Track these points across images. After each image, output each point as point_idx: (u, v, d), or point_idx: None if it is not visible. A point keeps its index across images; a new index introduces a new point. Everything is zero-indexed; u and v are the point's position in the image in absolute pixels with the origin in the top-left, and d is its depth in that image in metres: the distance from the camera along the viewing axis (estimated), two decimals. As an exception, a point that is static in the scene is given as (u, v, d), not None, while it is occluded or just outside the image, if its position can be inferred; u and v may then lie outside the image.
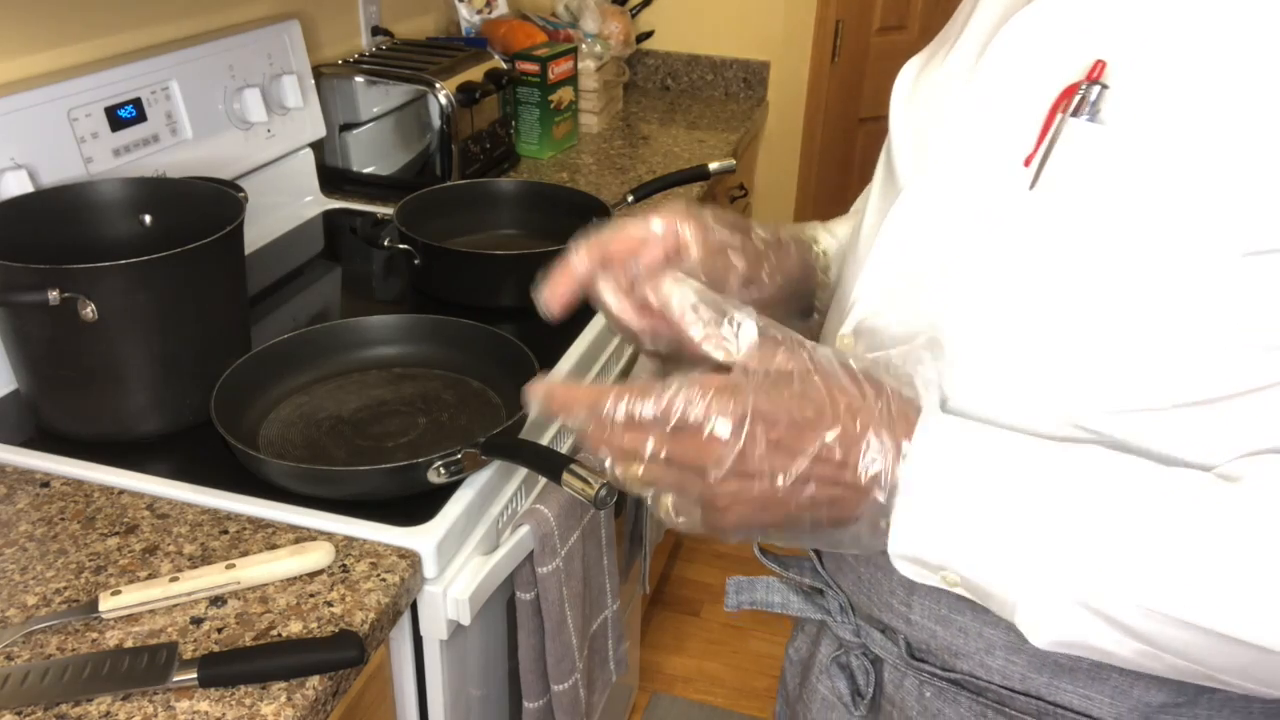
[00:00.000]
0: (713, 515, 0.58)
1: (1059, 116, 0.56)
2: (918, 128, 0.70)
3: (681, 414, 0.55)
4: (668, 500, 0.59)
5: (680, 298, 0.60)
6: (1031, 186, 0.57)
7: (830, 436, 0.55)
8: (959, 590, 0.59)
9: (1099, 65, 0.56)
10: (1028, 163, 0.58)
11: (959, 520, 0.56)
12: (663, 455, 0.56)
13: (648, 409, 0.55)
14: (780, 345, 0.58)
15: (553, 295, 0.69)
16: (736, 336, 0.58)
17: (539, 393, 0.60)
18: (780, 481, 0.55)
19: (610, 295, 0.68)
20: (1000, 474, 0.56)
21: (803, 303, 0.83)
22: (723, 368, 0.58)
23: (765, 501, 0.56)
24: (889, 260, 0.68)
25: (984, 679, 0.68)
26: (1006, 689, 0.68)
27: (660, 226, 0.70)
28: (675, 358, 0.64)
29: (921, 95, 0.72)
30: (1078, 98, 0.56)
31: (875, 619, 0.75)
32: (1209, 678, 0.56)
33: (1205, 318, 0.53)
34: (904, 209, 0.67)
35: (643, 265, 0.69)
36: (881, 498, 0.56)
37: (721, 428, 0.55)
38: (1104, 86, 0.55)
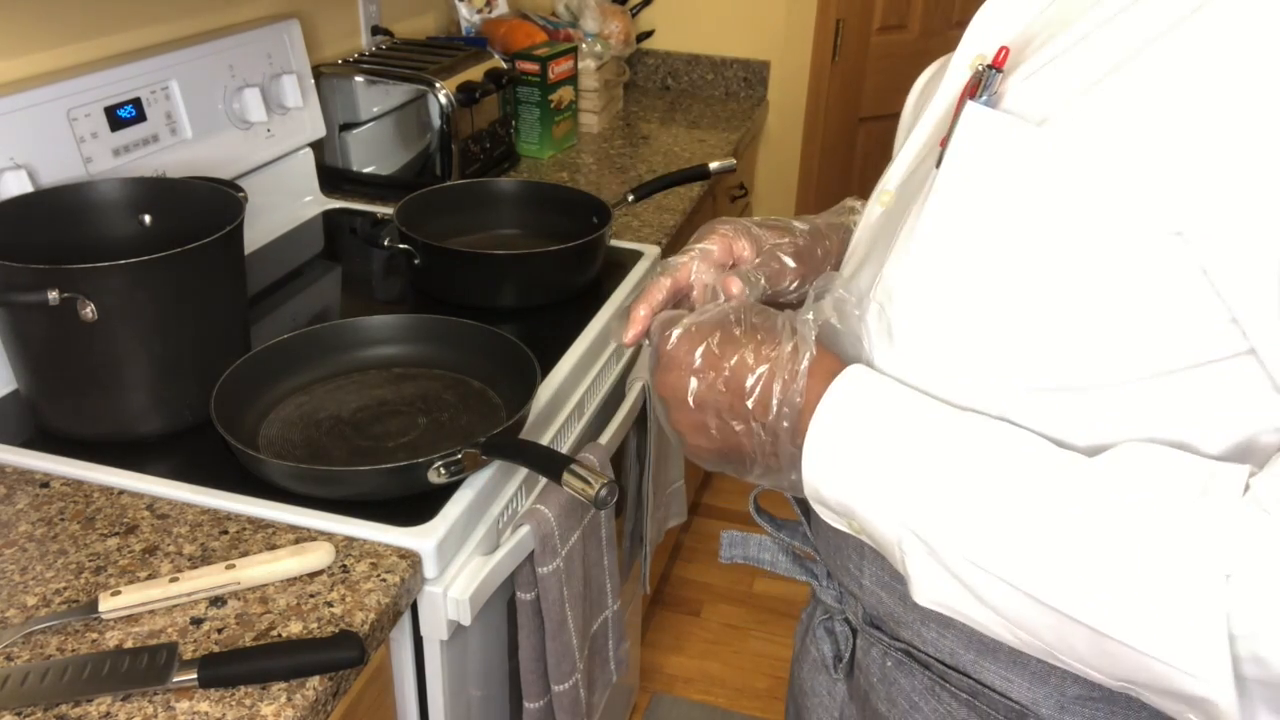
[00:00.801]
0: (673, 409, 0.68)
1: (963, 99, 0.60)
2: (913, 120, 0.75)
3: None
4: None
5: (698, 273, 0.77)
6: (938, 165, 0.61)
7: (736, 361, 0.65)
8: (865, 538, 0.64)
9: (1003, 50, 0.59)
10: (942, 144, 0.61)
11: (854, 466, 0.61)
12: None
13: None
14: (730, 304, 0.68)
15: (634, 331, 0.76)
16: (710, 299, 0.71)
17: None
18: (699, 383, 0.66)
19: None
20: (895, 427, 0.60)
21: None
22: None
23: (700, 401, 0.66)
24: (863, 237, 0.73)
25: (922, 650, 0.71)
26: (940, 662, 0.70)
27: (715, 246, 0.79)
28: None
29: (928, 89, 0.76)
30: (975, 80, 0.60)
31: (844, 585, 0.78)
32: (1055, 659, 0.58)
33: (1087, 299, 0.55)
34: (878, 190, 0.72)
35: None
36: (783, 427, 0.63)
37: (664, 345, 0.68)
38: (998, 71, 0.59)
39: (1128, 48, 0.54)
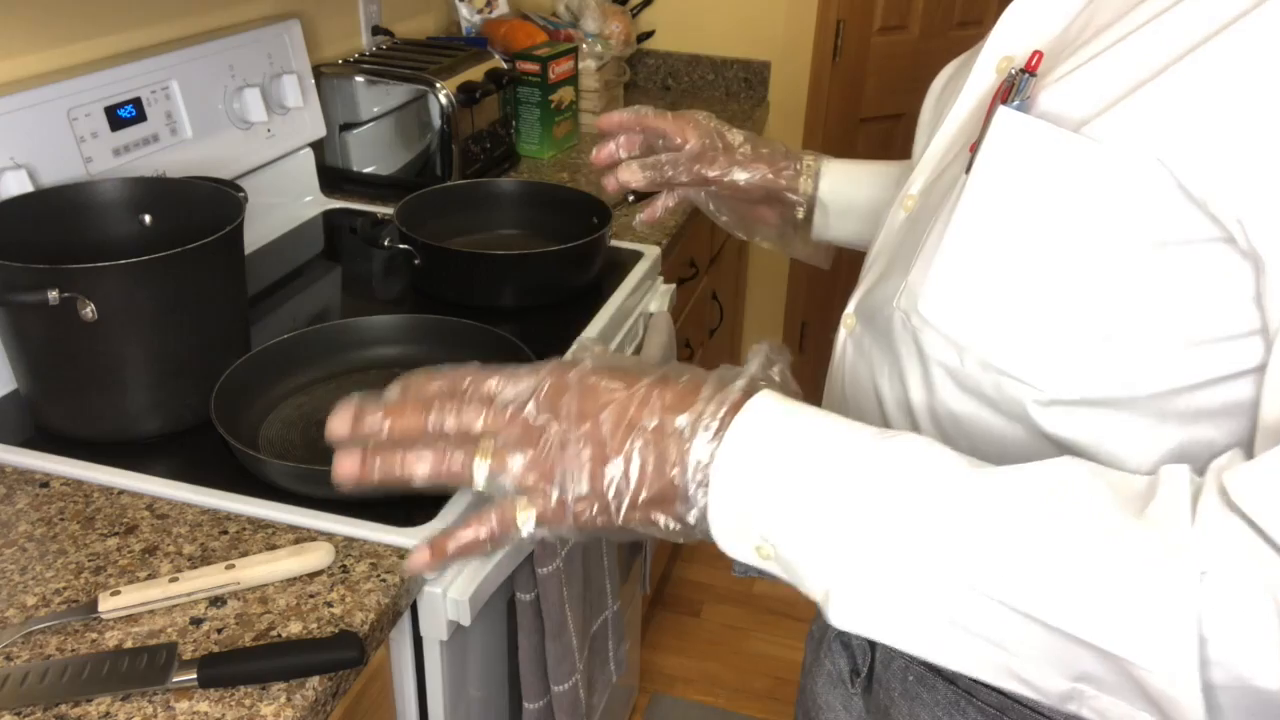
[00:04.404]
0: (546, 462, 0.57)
1: (995, 103, 0.59)
2: (934, 120, 0.75)
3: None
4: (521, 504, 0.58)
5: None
6: (967, 170, 0.60)
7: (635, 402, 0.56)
8: (771, 566, 0.56)
9: (1036, 55, 0.58)
10: (972, 149, 0.60)
11: (767, 490, 0.54)
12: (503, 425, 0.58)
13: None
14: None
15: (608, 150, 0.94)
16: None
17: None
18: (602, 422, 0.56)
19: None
20: (809, 451, 0.54)
21: (779, 208, 0.99)
22: None
23: (594, 440, 0.56)
24: (887, 240, 0.72)
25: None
26: (968, 677, 0.67)
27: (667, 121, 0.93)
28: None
29: (947, 91, 0.75)
30: (1008, 84, 0.58)
31: None
32: (1009, 670, 0.52)
33: (1119, 311, 0.54)
34: (903, 193, 0.71)
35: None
36: (690, 466, 0.54)
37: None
38: (1032, 75, 0.58)
39: (1173, 49, 0.53)
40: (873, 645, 0.79)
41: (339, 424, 0.58)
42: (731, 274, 2.45)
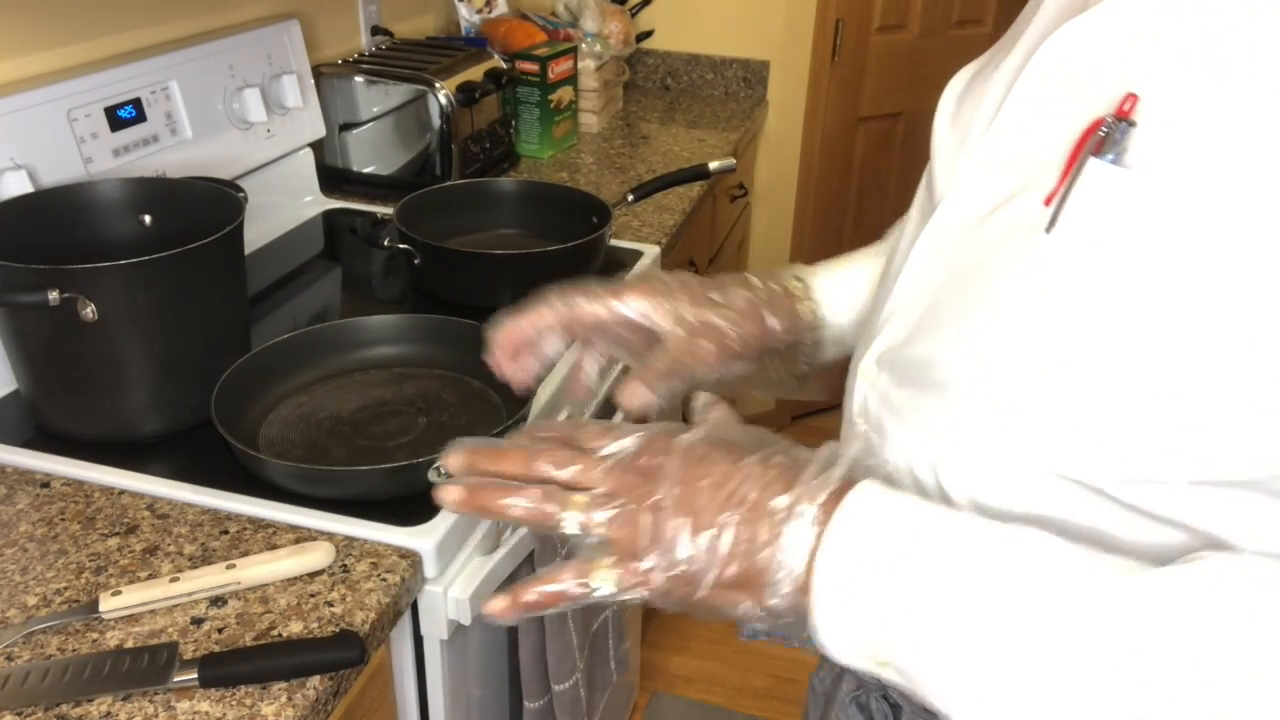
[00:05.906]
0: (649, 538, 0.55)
1: (1083, 154, 0.51)
2: (957, 142, 0.66)
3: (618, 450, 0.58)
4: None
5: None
6: (1049, 229, 0.53)
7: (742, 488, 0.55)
8: (889, 674, 0.54)
9: (1130, 99, 0.50)
10: (1048, 201, 0.53)
11: (879, 599, 0.52)
12: (604, 488, 0.57)
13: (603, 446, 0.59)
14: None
15: (505, 340, 0.74)
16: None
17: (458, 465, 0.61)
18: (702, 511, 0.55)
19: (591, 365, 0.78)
20: (926, 555, 0.52)
21: (791, 360, 0.80)
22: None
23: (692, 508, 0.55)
24: (916, 287, 0.64)
25: None
26: None
27: (632, 310, 0.72)
28: None
29: (966, 108, 0.66)
30: (1102, 133, 0.51)
31: None
32: None
33: (1226, 389, 0.48)
34: (932, 232, 0.63)
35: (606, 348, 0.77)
36: (790, 564, 0.53)
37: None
38: (1131, 124, 0.50)
39: None
40: (895, 709, 0.73)
41: (455, 460, 0.61)
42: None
